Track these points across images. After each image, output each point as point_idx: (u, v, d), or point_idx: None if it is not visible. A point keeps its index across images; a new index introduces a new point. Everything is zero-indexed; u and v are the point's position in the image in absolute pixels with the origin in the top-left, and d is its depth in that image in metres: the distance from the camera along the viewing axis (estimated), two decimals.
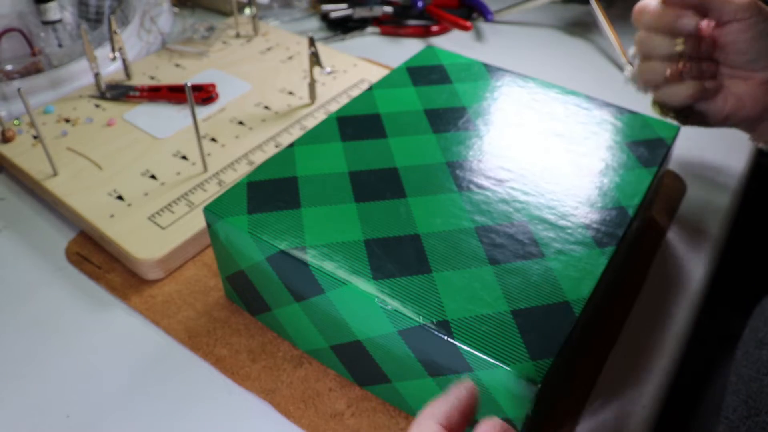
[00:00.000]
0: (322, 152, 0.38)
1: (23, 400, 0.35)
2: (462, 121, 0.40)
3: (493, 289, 0.29)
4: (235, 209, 0.34)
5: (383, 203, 0.34)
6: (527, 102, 0.42)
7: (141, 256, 0.39)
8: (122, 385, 0.35)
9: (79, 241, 0.43)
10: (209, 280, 0.40)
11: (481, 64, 0.46)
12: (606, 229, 0.33)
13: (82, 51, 0.56)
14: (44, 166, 0.45)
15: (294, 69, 0.58)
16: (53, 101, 0.53)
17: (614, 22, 0.66)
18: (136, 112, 0.52)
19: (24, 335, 0.38)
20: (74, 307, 0.39)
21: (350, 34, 0.68)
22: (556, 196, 0.35)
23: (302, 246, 0.31)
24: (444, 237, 0.32)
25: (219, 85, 0.54)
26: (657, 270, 0.42)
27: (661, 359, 0.37)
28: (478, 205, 0.34)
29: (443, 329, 0.28)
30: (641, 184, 0.36)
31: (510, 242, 0.32)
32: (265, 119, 0.51)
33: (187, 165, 0.46)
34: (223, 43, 0.61)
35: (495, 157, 0.37)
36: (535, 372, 0.26)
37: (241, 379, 0.35)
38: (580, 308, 0.29)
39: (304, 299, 0.33)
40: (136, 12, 0.62)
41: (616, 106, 0.42)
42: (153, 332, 0.38)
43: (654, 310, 0.39)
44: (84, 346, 0.37)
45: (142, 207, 0.43)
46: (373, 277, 0.30)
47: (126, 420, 0.34)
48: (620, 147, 0.38)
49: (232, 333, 0.37)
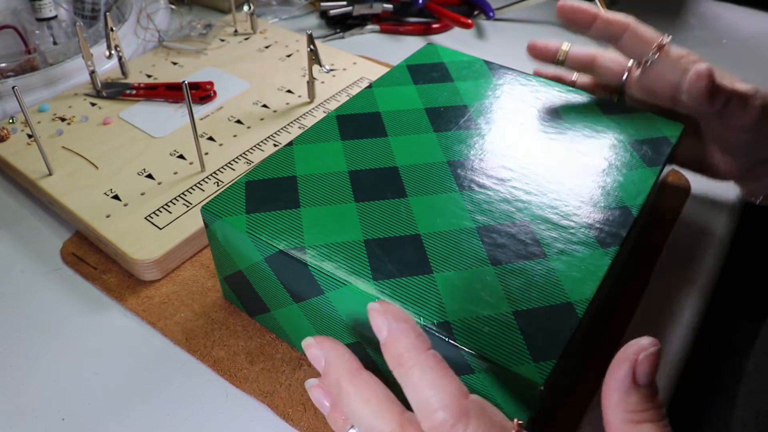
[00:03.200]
0: (321, 151, 0.37)
1: (17, 402, 0.34)
2: (463, 119, 0.40)
3: (494, 289, 0.29)
4: (233, 209, 0.33)
5: (383, 203, 0.34)
6: (529, 100, 0.42)
7: (137, 256, 0.39)
8: (118, 387, 0.35)
9: (75, 242, 0.43)
10: (207, 280, 0.40)
11: (482, 62, 0.46)
12: (609, 229, 0.32)
13: (77, 48, 0.55)
14: (39, 165, 0.45)
15: (293, 67, 0.57)
16: (48, 99, 0.52)
17: None
18: (132, 111, 0.51)
19: (18, 337, 0.37)
20: (69, 308, 0.39)
21: (350, 32, 0.68)
22: (558, 196, 0.34)
23: (301, 246, 0.31)
24: (445, 237, 0.32)
25: (217, 83, 0.54)
26: (661, 270, 0.41)
27: (666, 361, 0.36)
28: (480, 205, 0.33)
29: (444, 330, 0.27)
30: (645, 183, 0.35)
31: (512, 242, 0.31)
32: (263, 118, 0.51)
33: (185, 164, 0.46)
34: (221, 41, 0.61)
35: (497, 156, 0.37)
36: (537, 374, 0.26)
37: (239, 382, 0.35)
38: (584, 309, 0.28)
39: (303, 300, 0.32)
40: (132, 9, 0.61)
41: (620, 105, 0.41)
42: (149, 334, 0.37)
43: (658, 311, 0.39)
44: (80, 347, 0.37)
45: (138, 207, 0.42)
46: (373, 278, 0.29)
47: (122, 423, 0.33)
48: (624, 146, 0.38)
49: (230, 334, 0.37)
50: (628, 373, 0.23)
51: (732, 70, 0.60)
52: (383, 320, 0.24)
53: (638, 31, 0.39)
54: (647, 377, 0.23)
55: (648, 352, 0.23)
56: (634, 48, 0.40)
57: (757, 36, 0.68)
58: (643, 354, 0.23)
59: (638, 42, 0.40)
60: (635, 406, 0.23)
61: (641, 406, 0.23)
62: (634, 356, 0.23)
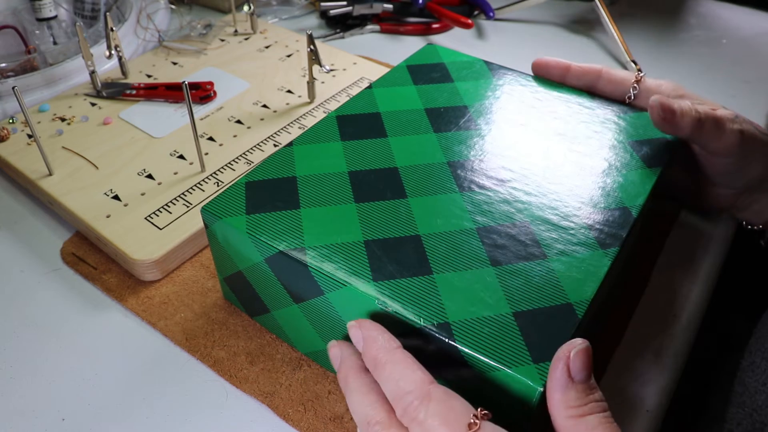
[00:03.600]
0: (321, 151, 0.37)
1: (17, 402, 0.34)
2: (463, 120, 0.40)
3: (494, 290, 0.29)
4: (233, 209, 0.33)
5: (383, 203, 0.34)
6: (529, 101, 0.42)
7: (138, 256, 0.39)
8: (118, 387, 0.35)
9: (75, 242, 0.43)
10: (207, 281, 0.40)
11: (482, 62, 0.46)
12: (609, 230, 0.32)
13: (77, 48, 0.55)
14: (39, 165, 0.45)
15: (293, 67, 0.57)
16: (48, 99, 0.52)
17: (617, 19, 0.66)
18: (132, 111, 0.51)
19: (18, 337, 0.37)
20: (69, 308, 0.39)
21: (350, 32, 0.68)
22: (558, 197, 0.34)
23: (301, 247, 0.31)
24: (445, 238, 0.32)
25: (217, 83, 0.54)
26: (660, 271, 0.41)
27: (665, 362, 0.36)
28: (480, 206, 0.33)
29: (444, 331, 0.27)
30: (645, 184, 0.35)
31: (512, 243, 0.31)
32: (263, 118, 0.51)
33: (185, 164, 0.46)
34: (221, 41, 0.61)
35: (497, 157, 0.37)
36: (537, 375, 0.26)
37: (239, 382, 0.35)
38: (583, 310, 0.28)
39: (303, 301, 0.32)
40: (132, 9, 0.61)
41: (620, 105, 0.41)
42: (150, 334, 0.37)
43: (658, 312, 0.39)
44: (79, 348, 0.37)
45: (138, 207, 0.42)
46: (373, 279, 0.29)
47: (122, 423, 0.33)
48: (624, 146, 0.38)
49: (230, 335, 0.37)
50: (564, 372, 0.24)
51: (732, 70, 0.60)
52: (359, 333, 0.28)
53: (611, 74, 0.42)
54: (582, 373, 0.24)
55: (577, 349, 0.25)
56: (613, 91, 0.42)
57: (757, 36, 0.68)
58: (574, 351, 0.25)
59: (614, 84, 0.42)
60: (575, 402, 0.24)
61: (580, 401, 0.24)
62: (567, 355, 0.25)
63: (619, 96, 0.42)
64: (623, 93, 0.42)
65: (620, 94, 0.42)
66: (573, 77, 0.43)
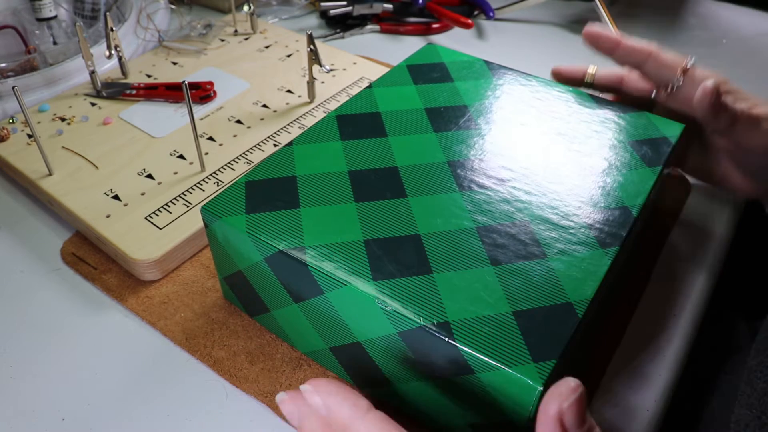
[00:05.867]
0: (321, 151, 0.37)
1: (17, 402, 0.34)
2: (463, 119, 0.40)
3: (494, 290, 0.29)
4: (233, 209, 0.33)
5: (383, 203, 0.34)
6: (529, 100, 0.42)
7: (137, 256, 0.39)
8: (118, 387, 0.35)
9: (75, 242, 0.43)
10: (207, 281, 0.40)
11: (482, 62, 0.46)
12: (609, 229, 0.32)
13: (77, 48, 0.55)
14: (39, 165, 0.45)
15: (293, 67, 0.57)
16: (48, 99, 0.52)
17: (617, 19, 0.66)
18: (132, 111, 0.51)
19: (18, 337, 0.37)
20: (69, 308, 0.39)
21: (350, 32, 0.68)
22: (558, 196, 0.34)
23: (301, 246, 0.31)
24: (445, 237, 0.32)
25: (217, 83, 0.54)
26: (661, 271, 0.41)
27: (666, 361, 0.36)
28: (480, 205, 0.33)
29: (444, 331, 0.27)
30: (645, 183, 0.35)
31: (512, 242, 0.31)
32: (263, 118, 0.51)
33: (185, 164, 0.46)
34: (221, 41, 0.61)
35: (496, 157, 0.37)
36: (537, 374, 0.26)
37: (239, 382, 0.34)
38: (583, 309, 0.28)
39: (303, 300, 0.32)
40: (132, 9, 0.61)
41: (620, 105, 0.41)
42: (149, 334, 0.37)
43: (658, 312, 0.39)
44: (79, 347, 0.37)
45: (138, 207, 0.42)
46: (373, 278, 0.29)
47: (122, 423, 0.33)
48: (624, 146, 0.38)
49: (230, 334, 0.37)
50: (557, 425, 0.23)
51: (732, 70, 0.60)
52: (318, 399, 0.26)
53: (661, 57, 0.40)
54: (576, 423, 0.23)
55: (570, 401, 0.23)
56: (659, 74, 0.40)
57: (757, 36, 0.68)
58: (567, 404, 0.23)
59: (662, 68, 0.40)
60: None
61: None
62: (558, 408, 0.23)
63: (662, 80, 0.40)
64: (668, 78, 0.40)
65: (664, 79, 0.40)
66: (622, 52, 0.41)
